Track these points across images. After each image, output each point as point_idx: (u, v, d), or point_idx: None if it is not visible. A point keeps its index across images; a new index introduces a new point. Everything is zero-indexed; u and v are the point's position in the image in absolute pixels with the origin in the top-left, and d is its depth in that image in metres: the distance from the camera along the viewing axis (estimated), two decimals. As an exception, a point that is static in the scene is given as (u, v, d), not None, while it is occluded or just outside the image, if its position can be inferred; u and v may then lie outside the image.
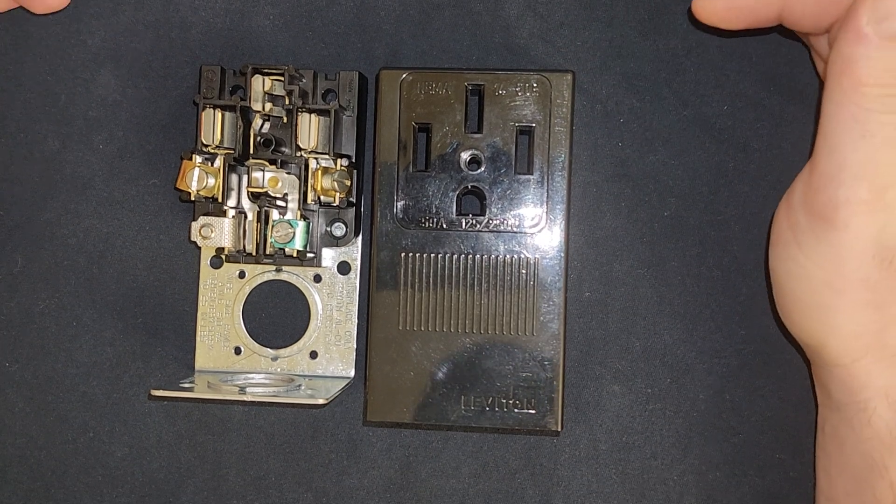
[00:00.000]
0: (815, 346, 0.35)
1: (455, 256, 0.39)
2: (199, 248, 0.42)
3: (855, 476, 0.34)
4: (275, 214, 0.40)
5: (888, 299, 0.33)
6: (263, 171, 0.39)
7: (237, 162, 0.40)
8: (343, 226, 0.41)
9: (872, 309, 0.33)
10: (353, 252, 0.42)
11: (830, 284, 0.33)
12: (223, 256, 0.42)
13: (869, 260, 0.32)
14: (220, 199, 0.39)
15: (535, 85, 0.39)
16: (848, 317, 0.33)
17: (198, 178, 0.39)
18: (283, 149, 0.40)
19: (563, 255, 0.39)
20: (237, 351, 0.42)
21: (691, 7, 0.36)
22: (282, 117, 0.40)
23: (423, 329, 0.39)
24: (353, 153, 0.41)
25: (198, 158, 0.39)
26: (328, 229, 0.41)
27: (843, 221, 0.32)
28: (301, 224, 0.39)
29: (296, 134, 0.39)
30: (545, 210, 0.39)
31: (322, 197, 0.39)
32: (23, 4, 0.42)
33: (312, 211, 0.41)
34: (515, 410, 0.39)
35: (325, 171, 0.39)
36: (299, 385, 0.40)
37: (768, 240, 0.36)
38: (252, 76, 0.39)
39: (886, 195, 0.32)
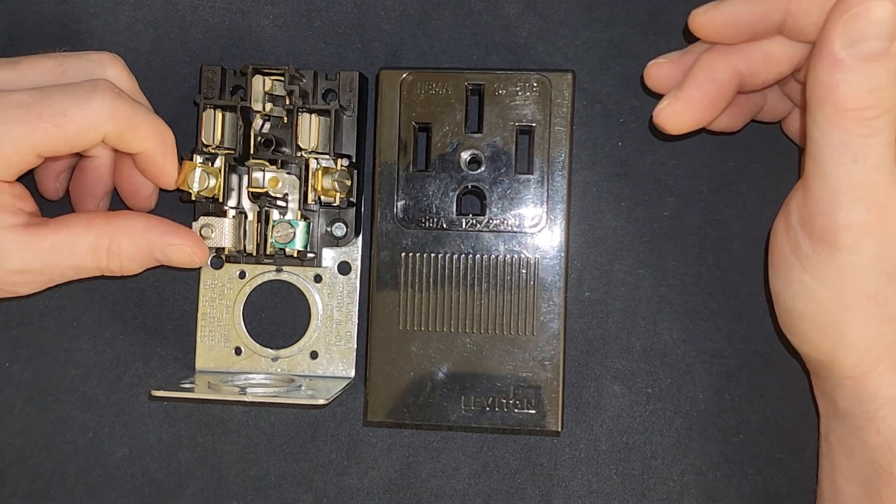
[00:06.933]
0: (824, 361, 0.34)
1: (455, 256, 0.39)
2: (200, 248, 0.42)
3: (862, 482, 0.34)
4: (275, 214, 0.40)
5: None
6: (264, 171, 0.39)
7: (237, 162, 0.40)
8: (343, 226, 0.41)
9: (884, 323, 0.32)
10: (354, 252, 0.42)
11: (839, 303, 0.32)
12: (223, 256, 0.42)
13: (877, 277, 0.32)
14: (220, 200, 0.39)
15: (535, 85, 0.39)
16: (859, 332, 0.33)
17: (198, 179, 0.39)
18: (284, 149, 0.40)
19: (563, 255, 0.39)
20: (237, 351, 0.42)
21: (688, 23, 0.35)
22: (282, 117, 0.40)
23: (423, 329, 0.39)
24: (353, 153, 0.41)
25: (198, 158, 0.39)
26: (328, 229, 0.41)
27: (846, 245, 0.31)
28: (301, 224, 0.39)
29: (296, 134, 0.39)
30: (545, 210, 0.39)
31: (322, 197, 0.39)
32: (165, 262, 0.38)
33: (313, 211, 0.41)
34: (515, 410, 0.39)
35: (326, 171, 0.39)
36: (300, 385, 0.40)
37: (765, 259, 0.35)
38: (252, 76, 0.39)
39: (885, 213, 0.31)
